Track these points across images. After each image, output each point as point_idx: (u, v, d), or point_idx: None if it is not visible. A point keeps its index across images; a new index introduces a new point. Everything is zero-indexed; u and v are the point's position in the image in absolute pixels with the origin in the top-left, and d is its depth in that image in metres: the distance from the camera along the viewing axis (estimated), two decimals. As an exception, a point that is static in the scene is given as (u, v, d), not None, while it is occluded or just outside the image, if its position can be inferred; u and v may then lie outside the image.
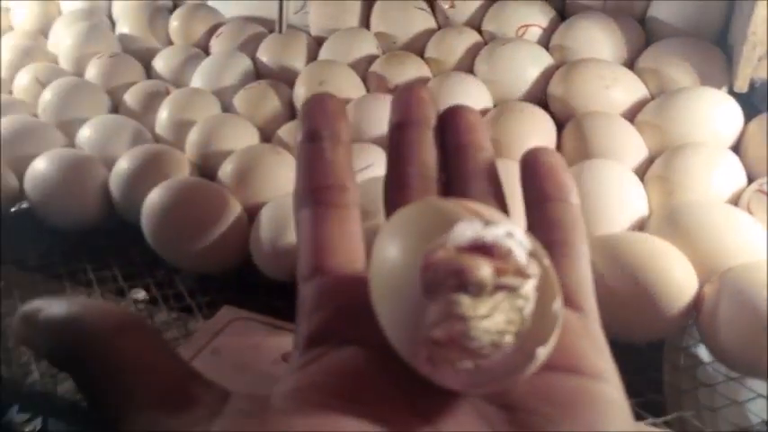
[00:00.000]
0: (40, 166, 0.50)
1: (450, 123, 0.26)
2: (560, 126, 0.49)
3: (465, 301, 0.17)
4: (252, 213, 0.44)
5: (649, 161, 0.45)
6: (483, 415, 0.19)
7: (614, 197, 0.40)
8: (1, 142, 0.52)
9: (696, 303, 0.34)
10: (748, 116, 0.46)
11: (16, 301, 0.44)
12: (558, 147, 0.48)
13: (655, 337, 0.36)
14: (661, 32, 0.54)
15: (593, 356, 0.20)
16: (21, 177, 0.51)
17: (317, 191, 0.23)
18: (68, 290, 0.45)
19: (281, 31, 0.59)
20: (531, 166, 0.24)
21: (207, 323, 0.37)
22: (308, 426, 0.18)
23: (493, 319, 0.17)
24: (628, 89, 0.50)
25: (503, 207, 0.24)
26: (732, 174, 0.42)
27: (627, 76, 0.50)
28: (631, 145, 0.45)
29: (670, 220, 0.38)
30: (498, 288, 0.17)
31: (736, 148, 0.45)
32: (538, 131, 0.47)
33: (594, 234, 0.38)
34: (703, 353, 0.37)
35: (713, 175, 0.41)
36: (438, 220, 0.18)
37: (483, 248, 0.18)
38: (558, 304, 0.18)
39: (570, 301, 0.21)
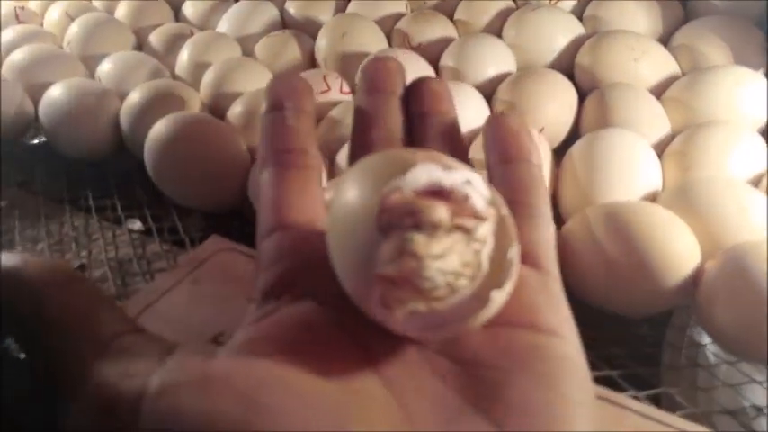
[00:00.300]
0: (54, 93, 0.50)
1: (416, 93, 0.27)
2: (584, 97, 0.47)
3: (419, 239, 0.17)
4: (256, 155, 0.43)
5: (671, 137, 0.43)
6: (435, 368, 0.19)
7: (626, 167, 0.38)
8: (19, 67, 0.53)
9: (696, 279, 0.32)
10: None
11: (15, 219, 0.44)
12: (579, 116, 0.46)
13: (652, 312, 0.34)
14: (701, 10, 0.52)
15: (549, 313, 0.20)
16: (37, 103, 0.51)
17: (279, 153, 0.23)
18: (67, 213, 0.45)
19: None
20: (494, 128, 0.24)
21: (193, 251, 0.36)
22: (244, 371, 0.17)
23: (447, 259, 0.17)
24: (657, 64, 0.47)
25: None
26: (754, 155, 0.39)
27: (658, 51, 0.48)
28: (654, 119, 0.43)
29: (680, 194, 0.36)
30: (454, 229, 0.17)
31: (766, 133, 0.43)
32: (557, 97, 0.46)
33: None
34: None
35: (733, 154, 0.39)
36: (396, 165, 0.18)
37: (440, 193, 0.17)
38: (513, 251, 0.17)
39: (530, 261, 0.21)
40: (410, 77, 0.49)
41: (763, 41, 0.47)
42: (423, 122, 0.26)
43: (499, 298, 0.17)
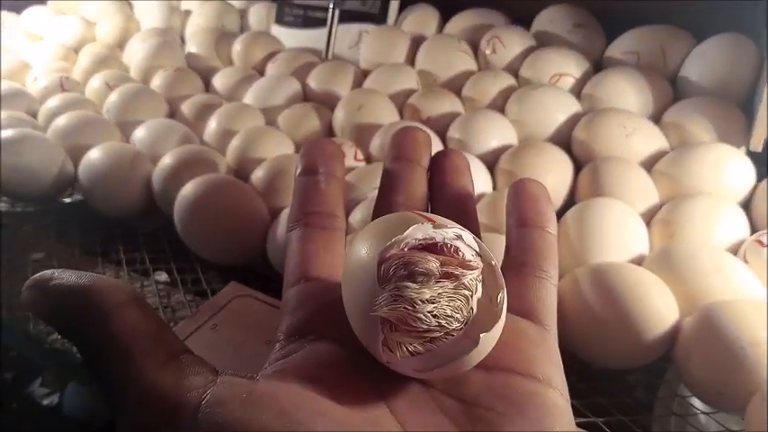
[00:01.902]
0: (93, 155, 0.55)
1: (439, 164, 0.29)
2: (580, 168, 0.51)
3: (411, 287, 0.20)
4: (276, 213, 0.47)
5: (659, 207, 0.46)
6: (440, 405, 0.21)
7: (615, 232, 0.42)
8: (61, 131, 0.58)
9: (674, 334, 0.35)
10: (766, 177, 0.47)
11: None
12: (575, 186, 0.50)
13: (634, 364, 0.37)
14: (690, 91, 0.56)
15: (546, 365, 0.22)
16: (77, 165, 0.56)
17: (309, 215, 0.26)
18: (100, 265, 0.49)
19: (326, 58, 0.63)
20: (517, 192, 0.27)
21: (213, 298, 0.40)
22: (284, 391, 0.20)
23: (439, 303, 0.20)
24: (648, 139, 0.51)
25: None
26: (734, 225, 0.43)
27: (648, 128, 0.52)
28: (643, 190, 0.47)
29: (663, 257, 0.39)
30: (444, 277, 0.20)
31: (747, 205, 0.46)
32: (554, 168, 0.49)
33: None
34: (697, 402, 0.38)
35: (714, 223, 0.42)
36: (397, 225, 0.21)
37: (433, 247, 0.20)
38: (501, 296, 0.20)
39: (532, 316, 0.23)
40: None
41: (744, 121, 0.51)
42: (441, 191, 0.28)
43: (489, 338, 0.20)
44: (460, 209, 0.28)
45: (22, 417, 0.57)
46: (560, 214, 0.45)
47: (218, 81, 0.70)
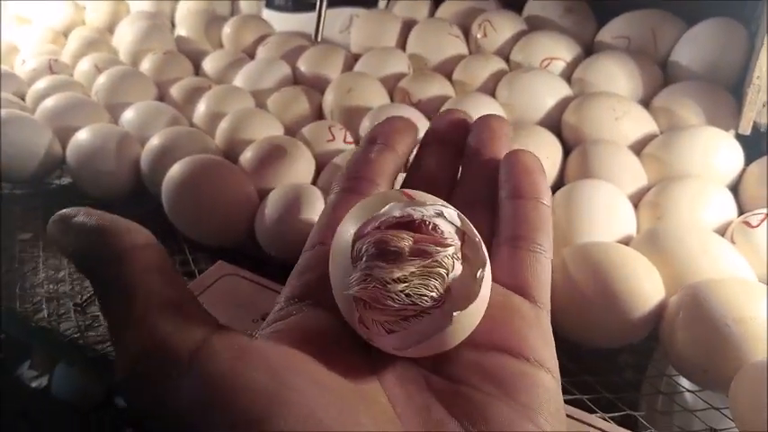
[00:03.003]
0: (80, 136, 0.54)
1: (474, 130, 0.28)
2: (569, 151, 0.51)
3: (381, 265, 0.19)
4: (265, 195, 0.47)
5: (648, 189, 0.46)
6: (429, 383, 0.21)
7: (603, 213, 0.42)
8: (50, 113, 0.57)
9: (660, 313, 0.35)
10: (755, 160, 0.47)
11: (39, 249, 0.48)
12: (564, 168, 0.50)
13: (621, 343, 0.37)
14: (680, 76, 0.56)
15: (539, 346, 0.21)
16: (65, 146, 0.56)
17: (349, 179, 0.26)
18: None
19: (316, 41, 0.62)
20: (511, 163, 0.26)
21: (200, 277, 0.40)
22: (277, 352, 0.20)
23: (411, 282, 0.19)
24: (637, 123, 0.51)
25: (491, 208, 0.26)
26: (722, 207, 0.43)
27: (638, 111, 0.52)
28: (631, 173, 0.47)
29: (650, 238, 0.39)
30: (417, 255, 0.19)
31: (736, 188, 0.46)
32: (544, 151, 0.49)
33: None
34: (684, 381, 0.38)
35: (702, 205, 0.42)
36: (377, 203, 0.21)
37: (410, 224, 0.20)
38: (481, 274, 0.20)
39: (525, 293, 0.23)
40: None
41: (734, 105, 0.51)
42: (471, 159, 0.27)
43: (466, 316, 0.19)
44: (479, 181, 0.27)
45: (11, 399, 0.57)
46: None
47: (208, 64, 0.70)
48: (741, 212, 0.44)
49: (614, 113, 0.51)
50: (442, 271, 0.19)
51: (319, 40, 0.69)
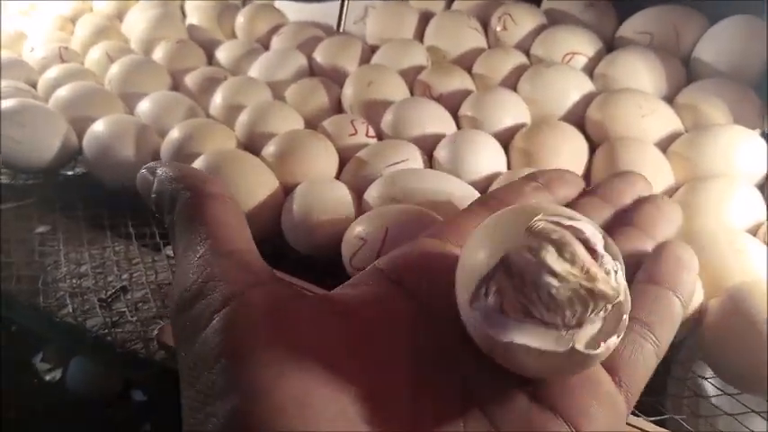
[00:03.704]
0: (98, 128, 0.53)
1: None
2: (594, 150, 0.51)
3: (555, 255, 0.18)
4: (289, 191, 0.46)
5: (675, 189, 0.46)
6: (467, 413, 0.20)
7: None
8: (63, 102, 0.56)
9: (700, 316, 0.35)
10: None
11: (60, 243, 0.47)
12: (589, 167, 0.50)
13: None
14: (703, 73, 0.56)
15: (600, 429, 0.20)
16: (81, 137, 0.55)
17: (491, 198, 0.26)
18: (109, 239, 0.48)
19: (338, 31, 0.62)
20: (660, 252, 0.25)
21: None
22: (316, 338, 0.19)
23: (563, 290, 0.18)
24: (663, 121, 0.51)
25: None
26: (752, 207, 0.43)
27: (664, 109, 0.52)
28: (659, 171, 0.47)
29: (685, 239, 0.39)
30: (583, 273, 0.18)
31: (762, 187, 0.46)
32: (569, 148, 0.49)
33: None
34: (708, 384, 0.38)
35: (732, 205, 0.42)
36: (526, 218, 0.19)
37: (584, 242, 0.18)
38: (615, 341, 0.18)
39: (613, 372, 0.21)
40: (432, 124, 0.52)
41: (759, 104, 0.51)
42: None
43: (571, 361, 0.18)
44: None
45: (26, 392, 0.57)
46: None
47: (222, 54, 0.69)
48: (769, 212, 0.44)
49: (641, 111, 0.51)
50: (591, 303, 0.18)
51: (342, 30, 0.68)
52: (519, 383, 0.20)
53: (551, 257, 0.18)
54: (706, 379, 0.37)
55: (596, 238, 0.19)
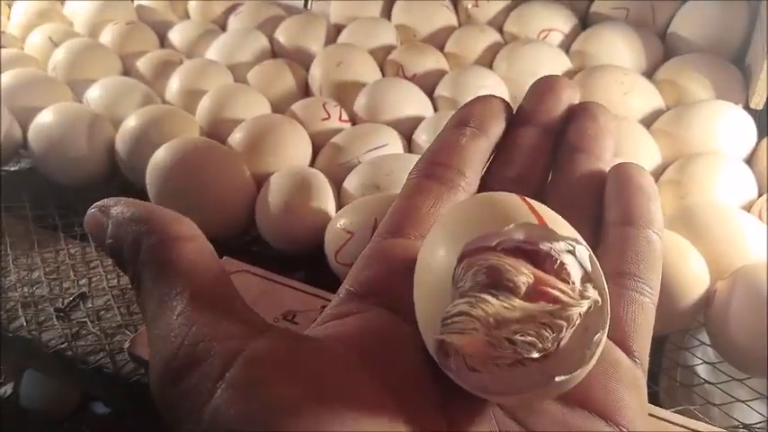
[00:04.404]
0: (45, 118, 0.49)
1: (577, 120, 0.24)
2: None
3: (490, 303, 0.16)
4: (260, 181, 0.43)
5: (663, 167, 0.45)
6: (501, 425, 0.18)
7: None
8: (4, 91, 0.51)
9: (708, 299, 0.33)
10: (762, 135, 0.46)
11: (7, 247, 0.43)
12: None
13: (665, 330, 0.36)
14: (681, 48, 0.54)
15: (634, 415, 0.19)
16: (25, 129, 0.50)
17: (431, 165, 0.23)
18: (62, 241, 0.44)
19: (306, 8, 0.58)
20: (622, 180, 0.22)
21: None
22: (333, 365, 0.17)
23: (522, 327, 0.16)
24: (646, 97, 0.49)
25: (589, 223, 0.22)
26: (744, 184, 0.42)
27: (645, 85, 0.50)
28: (647, 150, 0.45)
29: (684, 219, 0.37)
30: (535, 297, 0.16)
31: (749, 163, 0.45)
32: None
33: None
34: (702, 353, 0.37)
35: (725, 182, 0.41)
36: (498, 213, 0.17)
37: (534, 255, 0.16)
38: (600, 337, 0.16)
39: (625, 345, 0.20)
40: (409, 106, 0.50)
41: (740, 78, 0.50)
42: (571, 160, 0.23)
43: (566, 382, 0.16)
44: (583, 190, 0.23)
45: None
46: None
47: (175, 36, 0.64)
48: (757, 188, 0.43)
49: (623, 87, 0.49)
50: (563, 324, 0.16)
51: (309, 8, 0.64)
52: None
53: (491, 306, 0.16)
54: (688, 368, 0.35)
55: (543, 239, 0.16)
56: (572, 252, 0.16)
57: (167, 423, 0.18)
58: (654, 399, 0.34)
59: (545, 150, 0.24)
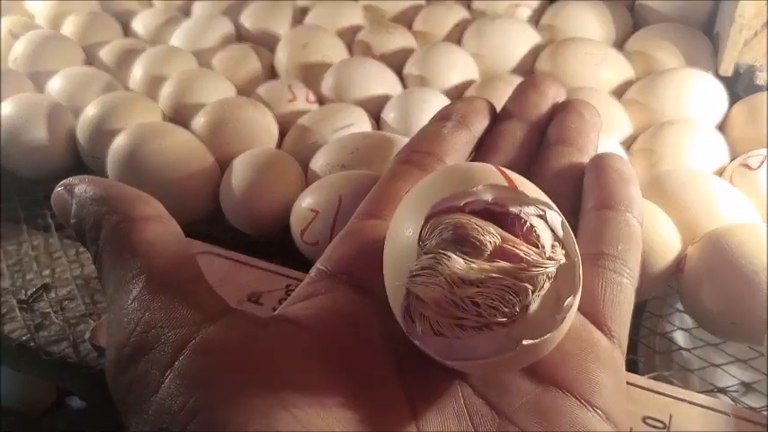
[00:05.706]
0: (4, 110, 0.47)
1: (560, 117, 0.25)
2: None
3: (454, 261, 0.15)
4: (225, 165, 0.42)
5: (634, 138, 0.44)
6: (471, 409, 0.18)
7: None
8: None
9: (679, 263, 0.33)
10: (732, 103, 0.46)
11: (-32, 241, 0.42)
12: (543, 120, 0.47)
13: (640, 297, 0.35)
14: (649, 19, 0.54)
15: (609, 395, 0.18)
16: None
17: (411, 152, 0.24)
18: (25, 233, 0.43)
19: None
20: (601, 168, 0.23)
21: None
22: (290, 351, 0.17)
23: (485, 289, 0.15)
24: (616, 69, 0.49)
25: (571, 211, 0.23)
26: (716, 150, 0.41)
27: (616, 57, 0.50)
28: (618, 121, 0.45)
29: (654, 185, 0.37)
30: (501, 257, 0.16)
31: (721, 129, 0.45)
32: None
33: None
34: (679, 321, 0.37)
35: (697, 149, 0.40)
36: (468, 176, 0.17)
37: (503, 217, 0.16)
38: (571, 302, 0.16)
39: (603, 324, 0.20)
40: (376, 85, 0.49)
41: (709, 46, 0.50)
42: (552, 151, 0.24)
43: (536, 348, 0.16)
44: (562, 177, 0.24)
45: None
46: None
47: (139, 24, 0.63)
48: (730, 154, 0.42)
49: (593, 59, 0.49)
50: (528, 287, 0.15)
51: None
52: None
53: (454, 262, 0.15)
54: (665, 335, 0.35)
55: (513, 202, 0.16)
56: (542, 217, 0.16)
57: (121, 413, 0.17)
58: (633, 367, 0.34)
59: (529, 143, 0.25)
